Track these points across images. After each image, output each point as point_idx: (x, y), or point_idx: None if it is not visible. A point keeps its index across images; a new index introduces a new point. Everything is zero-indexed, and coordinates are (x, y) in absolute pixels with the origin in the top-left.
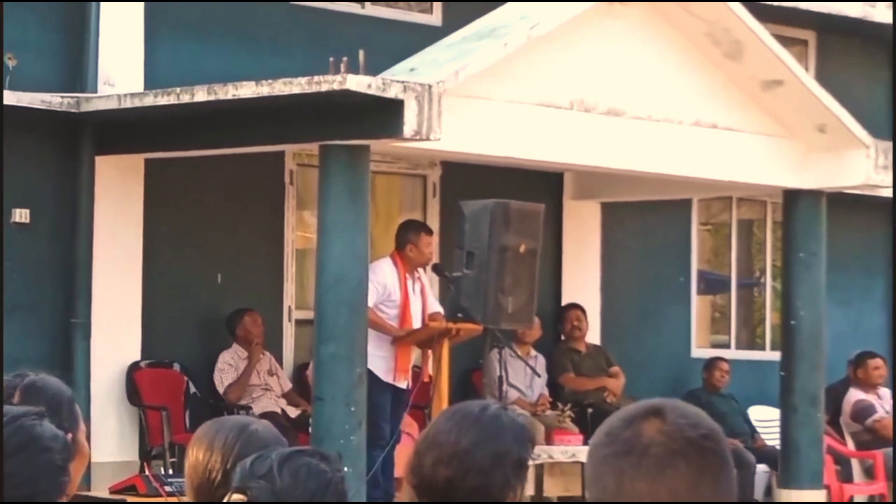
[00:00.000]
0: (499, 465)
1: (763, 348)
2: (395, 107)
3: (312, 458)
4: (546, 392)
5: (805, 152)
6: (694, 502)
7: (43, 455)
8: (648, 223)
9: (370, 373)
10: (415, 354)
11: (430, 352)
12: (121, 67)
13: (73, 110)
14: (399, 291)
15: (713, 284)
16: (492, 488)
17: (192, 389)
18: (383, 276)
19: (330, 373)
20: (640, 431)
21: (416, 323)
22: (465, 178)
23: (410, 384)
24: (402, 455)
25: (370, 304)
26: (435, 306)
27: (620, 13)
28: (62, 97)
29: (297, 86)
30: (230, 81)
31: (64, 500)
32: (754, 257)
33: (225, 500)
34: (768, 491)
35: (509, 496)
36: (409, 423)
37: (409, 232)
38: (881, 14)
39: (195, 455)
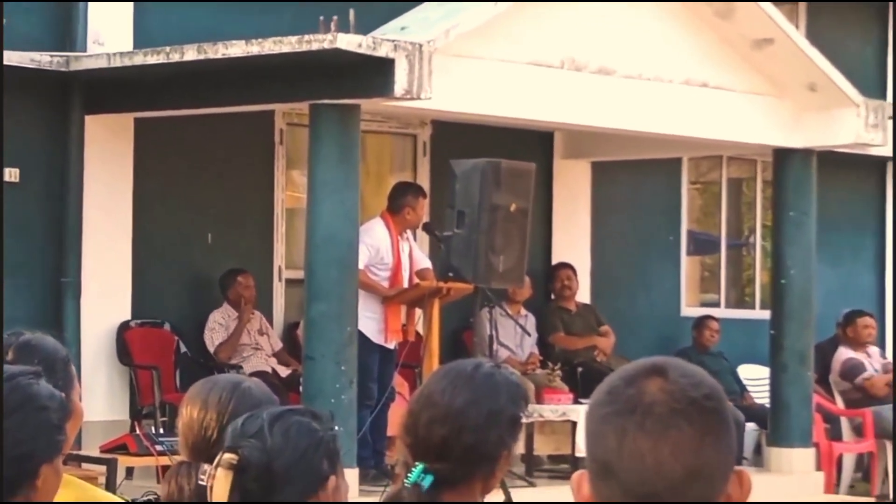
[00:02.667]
0: (493, 423)
1: (753, 307)
2: (386, 66)
3: (303, 416)
4: (536, 351)
5: (796, 111)
6: (695, 462)
7: (40, 414)
8: (638, 182)
9: (360, 334)
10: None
11: (418, 311)
12: (110, 26)
13: (62, 69)
14: (392, 254)
15: (703, 245)
16: (486, 446)
17: (183, 349)
18: (377, 240)
19: (320, 332)
20: (642, 390)
21: (405, 284)
22: (456, 138)
23: (398, 344)
24: (396, 414)
25: (361, 265)
26: (424, 262)
27: None
28: (51, 56)
29: (287, 45)
30: (220, 40)
31: (61, 458)
32: (744, 216)
33: (216, 461)
34: (757, 449)
35: (503, 453)
36: (399, 383)
37: (408, 195)
38: None
39: (189, 413)
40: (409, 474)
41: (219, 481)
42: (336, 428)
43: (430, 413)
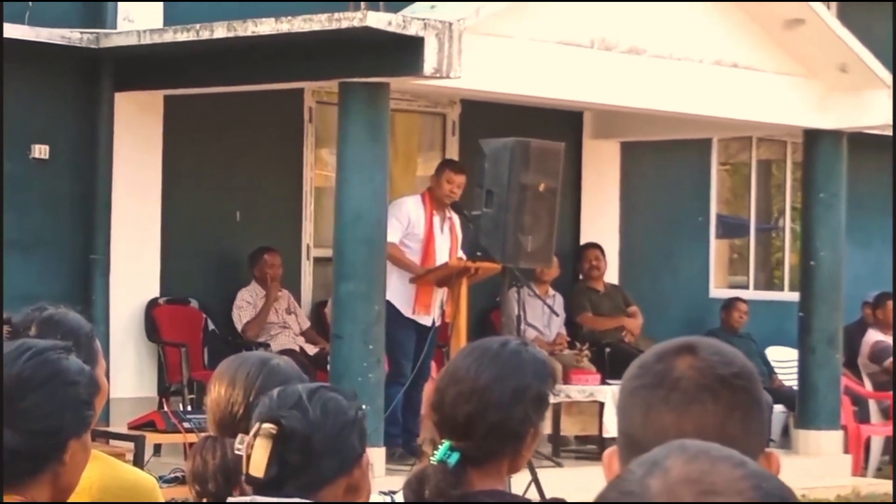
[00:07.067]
0: (519, 400)
1: (781, 289)
2: (416, 44)
3: (336, 393)
4: (564, 331)
5: (826, 92)
6: (719, 439)
7: (69, 388)
8: (668, 163)
9: (391, 306)
10: (441, 294)
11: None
12: (140, 3)
13: (92, 46)
14: (423, 227)
15: (732, 228)
16: (512, 423)
17: (211, 326)
18: (407, 211)
19: (348, 310)
20: (671, 366)
21: (442, 261)
22: (485, 117)
23: (437, 321)
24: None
25: (395, 239)
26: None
27: None
28: (81, 33)
29: (317, 23)
30: (250, 18)
31: (89, 434)
32: (774, 198)
33: (254, 430)
34: (785, 431)
35: (530, 431)
36: None
37: (440, 168)
38: None
39: (217, 390)
40: (435, 452)
41: (257, 450)
42: (364, 407)
43: (455, 390)
